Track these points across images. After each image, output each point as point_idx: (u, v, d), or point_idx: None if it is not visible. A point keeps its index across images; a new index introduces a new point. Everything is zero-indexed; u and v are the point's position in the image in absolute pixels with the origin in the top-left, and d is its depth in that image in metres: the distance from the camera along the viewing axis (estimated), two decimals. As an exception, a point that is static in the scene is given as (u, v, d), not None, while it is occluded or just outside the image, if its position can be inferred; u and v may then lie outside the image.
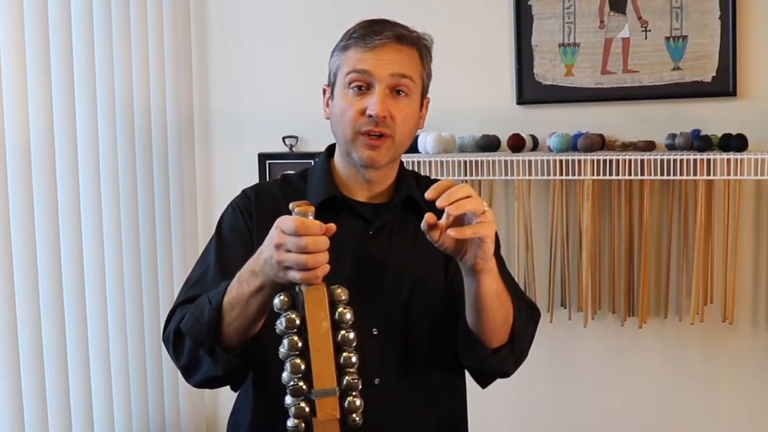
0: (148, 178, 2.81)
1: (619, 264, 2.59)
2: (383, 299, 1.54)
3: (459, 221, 1.32)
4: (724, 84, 2.47)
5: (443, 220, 1.32)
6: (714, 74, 2.49)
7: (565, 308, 2.65)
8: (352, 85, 1.51)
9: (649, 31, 2.53)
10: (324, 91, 1.61)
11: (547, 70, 2.64)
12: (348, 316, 1.24)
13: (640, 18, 2.54)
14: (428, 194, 1.31)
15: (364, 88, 1.50)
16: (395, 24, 1.55)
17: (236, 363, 1.43)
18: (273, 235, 1.28)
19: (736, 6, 2.45)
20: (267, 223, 1.48)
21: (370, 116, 1.48)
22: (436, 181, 1.67)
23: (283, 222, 1.26)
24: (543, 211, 2.67)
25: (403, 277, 1.56)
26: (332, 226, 1.26)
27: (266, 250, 1.30)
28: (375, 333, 1.51)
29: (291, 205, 1.27)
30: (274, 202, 1.60)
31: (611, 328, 2.66)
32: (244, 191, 1.64)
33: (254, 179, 2.93)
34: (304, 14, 2.91)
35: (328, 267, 1.25)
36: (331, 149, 1.65)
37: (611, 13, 2.56)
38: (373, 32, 1.51)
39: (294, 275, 1.24)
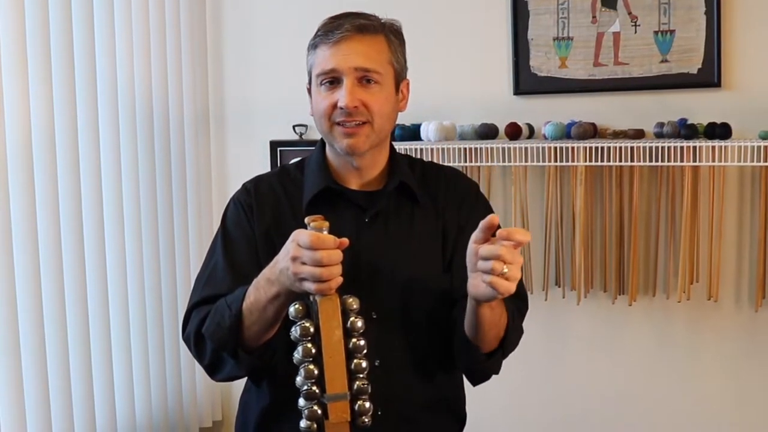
0: (166, 163, 2.84)
1: (611, 245, 2.62)
2: (381, 284, 1.55)
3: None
4: (709, 75, 2.50)
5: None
6: (700, 66, 2.51)
7: (559, 287, 2.69)
8: (323, 84, 1.53)
9: (639, 25, 2.56)
10: (308, 90, 1.61)
11: (543, 63, 2.67)
12: (359, 324, 1.27)
13: (630, 13, 2.57)
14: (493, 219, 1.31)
15: (334, 83, 1.52)
16: (357, 15, 1.55)
17: (258, 363, 1.47)
18: (289, 248, 1.30)
19: (721, 2, 2.47)
20: (266, 215, 1.55)
21: (341, 108, 1.50)
22: (431, 164, 1.71)
23: (300, 236, 1.29)
24: (538, 196, 2.71)
25: (400, 261, 1.57)
26: (345, 240, 1.29)
27: (282, 261, 1.33)
28: (374, 317, 1.51)
29: (306, 220, 1.31)
30: (273, 193, 1.61)
31: (603, 305, 2.70)
32: (244, 185, 1.65)
33: (266, 165, 2.98)
34: (313, 9, 2.84)
35: (341, 279, 1.28)
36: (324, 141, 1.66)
37: (603, 9, 2.59)
38: (334, 27, 1.52)
39: (309, 286, 1.27)
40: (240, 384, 1.70)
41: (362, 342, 1.28)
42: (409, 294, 1.57)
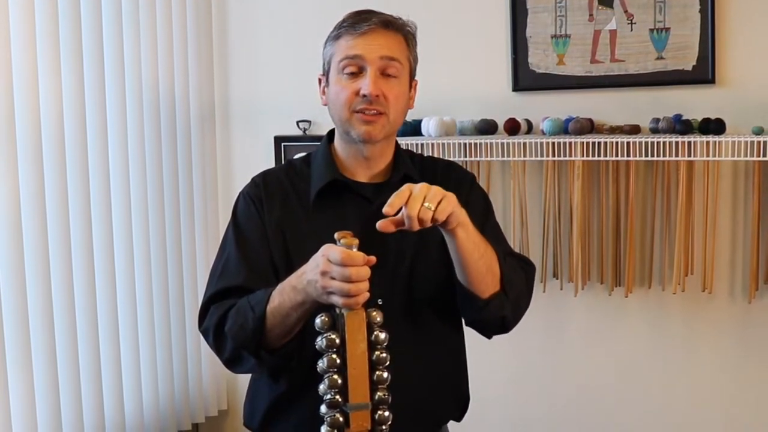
0: (172, 159, 2.88)
1: (607, 238, 2.65)
2: (387, 272, 1.57)
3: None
4: (703, 72, 2.54)
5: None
6: (694, 63, 2.54)
7: (557, 279, 2.73)
8: (345, 71, 1.57)
9: (635, 23, 2.60)
10: (320, 80, 1.66)
11: (541, 60, 2.71)
12: (382, 337, 1.32)
13: (626, 11, 2.60)
14: (386, 210, 1.37)
15: (356, 72, 1.56)
16: (380, 12, 1.61)
17: (278, 362, 1.52)
18: (319, 262, 1.34)
19: (715, 1, 2.50)
20: (276, 208, 1.60)
21: (364, 96, 1.54)
22: (429, 157, 1.78)
23: (330, 251, 1.33)
24: (537, 190, 2.74)
25: (404, 250, 1.61)
26: (373, 258, 1.34)
27: (311, 273, 1.37)
28: (380, 303, 1.52)
29: (336, 235, 1.35)
30: (281, 187, 1.65)
31: (599, 297, 2.73)
32: (252, 179, 1.69)
33: (270, 160, 3.02)
34: (317, 6, 2.95)
35: (368, 295, 1.32)
36: (331, 134, 1.69)
37: (600, 7, 2.63)
38: (361, 19, 1.57)
39: (336, 300, 1.32)
40: (246, 375, 1.72)
41: (384, 354, 1.32)
42: (413, 281, 1.61)
